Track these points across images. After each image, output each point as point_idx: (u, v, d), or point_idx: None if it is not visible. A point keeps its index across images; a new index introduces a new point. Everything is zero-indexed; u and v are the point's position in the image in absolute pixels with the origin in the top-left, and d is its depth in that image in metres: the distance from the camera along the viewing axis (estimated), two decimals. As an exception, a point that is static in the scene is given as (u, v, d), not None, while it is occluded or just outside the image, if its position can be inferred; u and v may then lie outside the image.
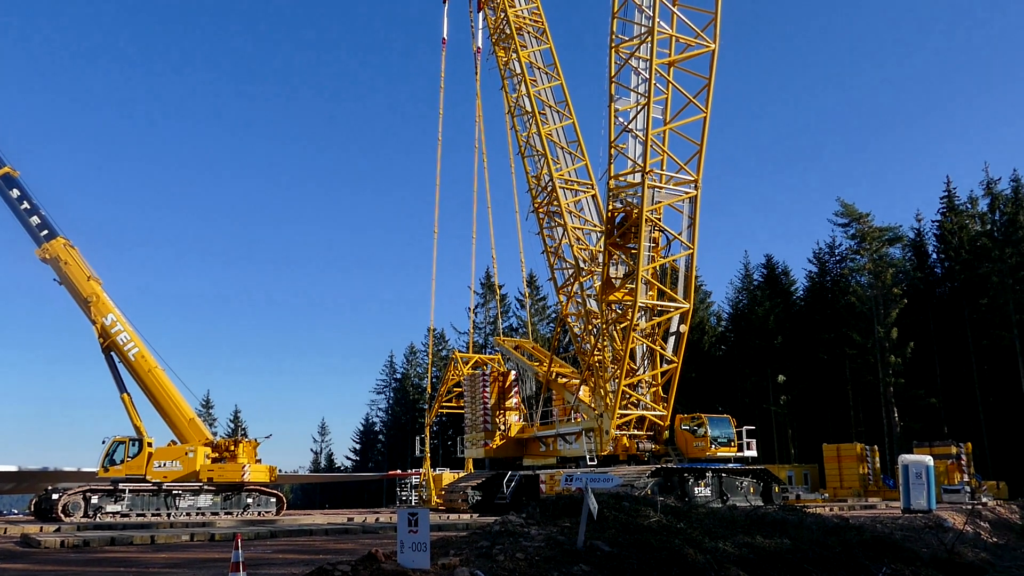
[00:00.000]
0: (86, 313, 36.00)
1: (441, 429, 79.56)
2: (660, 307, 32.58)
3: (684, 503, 17.39)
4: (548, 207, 36.70)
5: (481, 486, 37.80)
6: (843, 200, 65.11)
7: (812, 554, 12.04)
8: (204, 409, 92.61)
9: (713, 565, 10.92)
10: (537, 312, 76.99)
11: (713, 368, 67.59)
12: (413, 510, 8.89)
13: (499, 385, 40.72)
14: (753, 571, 11.09)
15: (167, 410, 35.73)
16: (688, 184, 31.12)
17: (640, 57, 31.13)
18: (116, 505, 32.79)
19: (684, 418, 33.09)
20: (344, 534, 24.05)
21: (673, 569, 10.59)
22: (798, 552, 12.06)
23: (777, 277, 71.38)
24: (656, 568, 10.48)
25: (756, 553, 11.82)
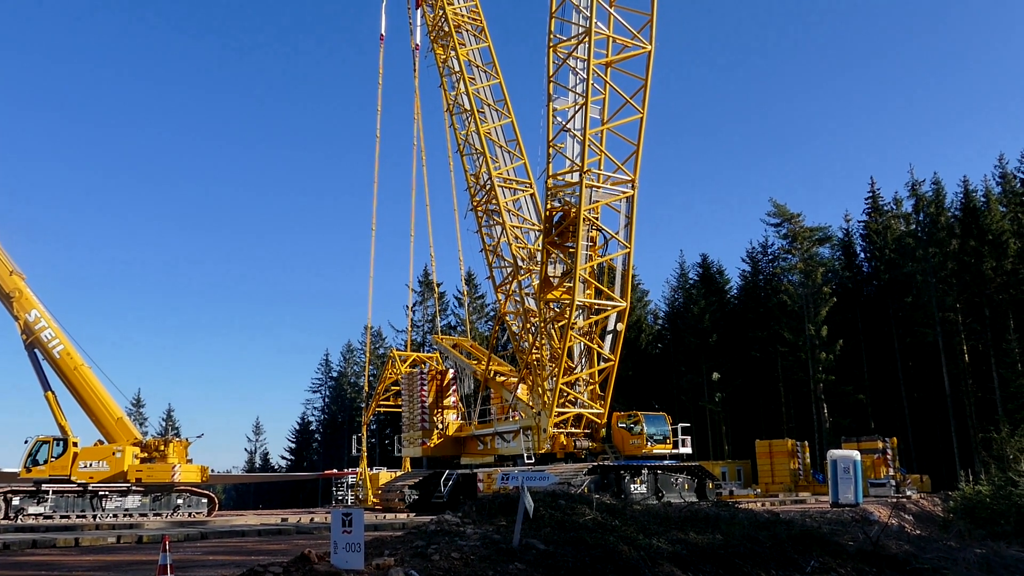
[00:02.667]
0: (8, 309, 34.73)
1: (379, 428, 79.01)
2: (597, 305, 32.86)
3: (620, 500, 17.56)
4: (487, 205, 36.71)
5: (418, 485, 37.59)
6: (775, 200, 66.85)
7: (743, 549, 12.27)
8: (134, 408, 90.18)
9: (647, 561, 11.04)
10: (475, 310, 76.97)
11: (650, 366, 68.59)
12: (347, 510, 8.78)
13: (437, 384, 40.55)
14: (686, 567, 11.25)
15: (93, 409, 34.69)
16: (625, 184, 31.46)
17: (578, 57, 31.34)
18: (39, 507, 31.76)
19: (621, 416, 33.44)
20: (277, 535, 23.63)
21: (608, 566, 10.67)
22: (730, 547, 12.28)
23: (712, 276, 72.81)
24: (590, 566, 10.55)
25: (689, 549, 12.00)
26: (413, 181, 50.93)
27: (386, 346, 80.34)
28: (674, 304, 73.02)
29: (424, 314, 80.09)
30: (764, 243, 70.76)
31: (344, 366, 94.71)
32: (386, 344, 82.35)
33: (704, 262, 73.86)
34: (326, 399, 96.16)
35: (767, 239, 70.61)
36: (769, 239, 70.08)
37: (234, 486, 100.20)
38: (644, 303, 73.57)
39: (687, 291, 70.89)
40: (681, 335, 66.92)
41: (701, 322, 64.37)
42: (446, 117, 39.46)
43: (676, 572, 11.07)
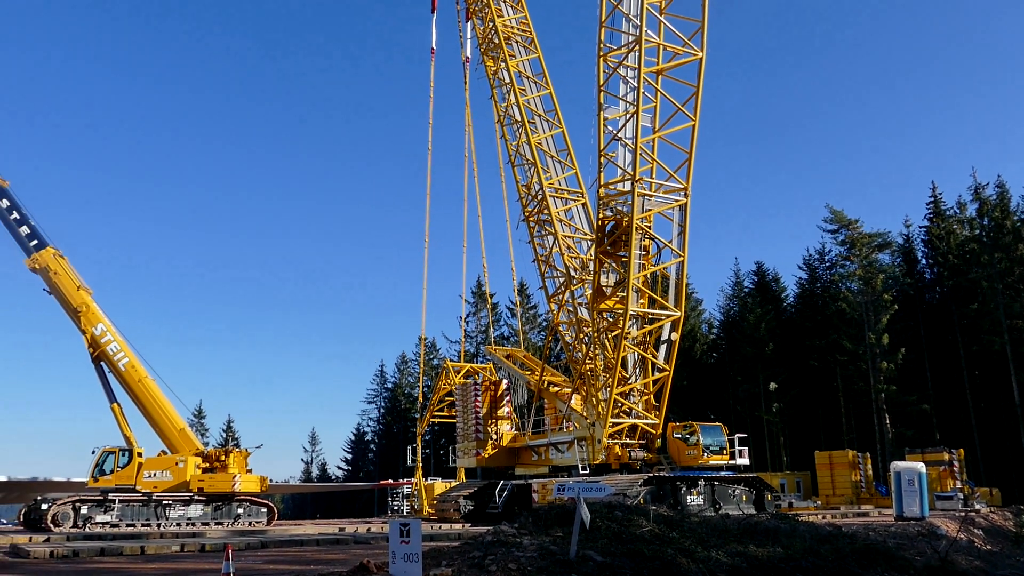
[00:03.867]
0: (76, 323, 35.80)
1: (433, 438, 79.41)
2: (651, 315, 32.60)
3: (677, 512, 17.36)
4: (538, 216, 36.73)
5: (473, 496, 37.68)
6: (832, 207, 65.55)
7: (805, 563, 12.03)
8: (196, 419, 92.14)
9: (706, 574, 10.90)
10: (528, 321, 77.00)
11: (705, 376, 67.74)
12: (405, 520, 8.85)
13: (491, 394, 40.66)
14: (746, 580, 11.08)
15: (157, 420, 35.54)
16: (678, 192, 31.20)
17: (628, 66, 31.23)
18: (106, 515, 32.60)
19: (676, 426, 33.07)
20: (335, 544, 23.91)
21: (666, 578, 10.57)
22: (791, 561, 12.05)
23: (768, 284, 71.66)
24: (649, 577, 10.46)
25: (749, 562, 11.81)
26: (464, 192, 51.36)
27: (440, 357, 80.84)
28: (729, 313, 72.03)
29: (477, 325, 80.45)
30: (821, 250, 69.45)
31: (399, 377, 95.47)
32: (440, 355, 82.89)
33: (759, 270, 72.78)
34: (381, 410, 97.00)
35: (824, 246, 69.32)
36: (826, 246, 68.81)
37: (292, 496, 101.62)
38: (698, 312, 72.73)
39: (742, 300, 69.89)
40: (737, 344, 65.94)
41: (757, 331, 63.34)
42: (497, 128, 39.67)
43: (736, 585, 10.91)
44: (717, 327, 74.23)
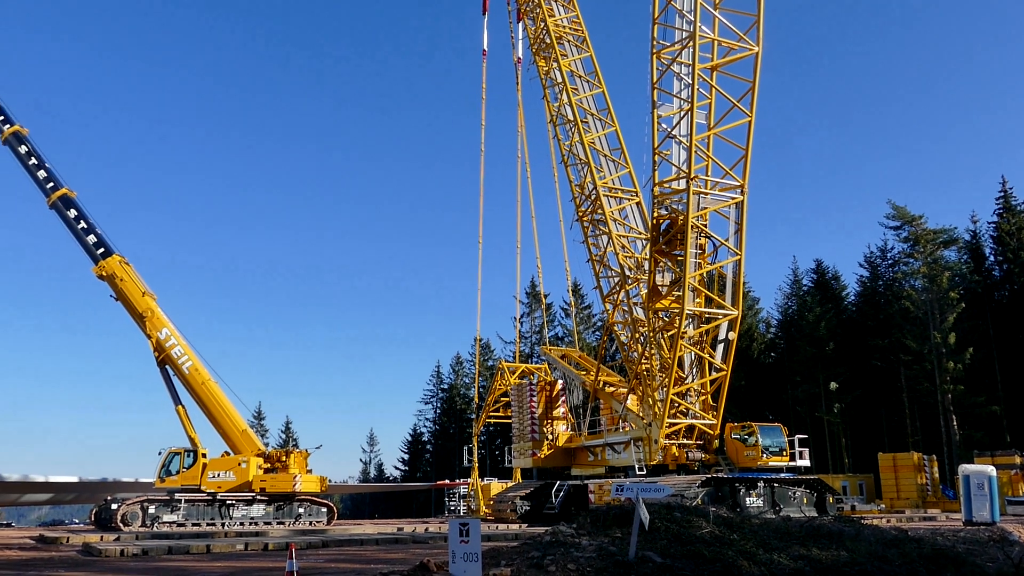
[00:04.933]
0: (141, 328, 36.72)
1: (488, 439, 79.60)
2: (708, 314, 32.25)
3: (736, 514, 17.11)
4: (592, 215, 36.59)
5: (529, 496, 37.70)
6: (894, 202, 63.88)
7: (871, 567, 11.74)
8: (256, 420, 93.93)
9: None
10: (583, 321, 76.68)
11: (763, 376, 66.64)
12: (464, 520, 8.89)
13: (546, 394, 40.63)
14: (810, 583, 10.86)
15: (220, 421, 36.27)
16: (734, 189, 30.77)
17: (682, 62, 30.91)
18: (172, 515, 33.38)
19: (734, 427, 32.64)
20: (394, 544, 24.17)
21: (727, 581, 10.42)
22: (856, 565, 11.77)
23: (827, 282, 70.15)
24: (709, 580, 10.33)
25: (812, 566, 11.58)
26: (518, 193, 51.43)
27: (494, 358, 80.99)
28: (787, 312, 70.71)
29: (532, 325, 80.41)
30: (883, 247, 67.71)
31: (454, 378, 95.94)
32: (495, 356, 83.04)
33: (819, 268, 71.33)
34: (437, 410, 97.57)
35: (886, 243, 67.53)
36: (888, 243, 67.03)
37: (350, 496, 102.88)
38: (755, 311, 71.57)
39: (801, 298, 68.53)
40: (795, 344, 64.67)
41: (817, 330, 62.03)
42: (549, 128, 39.64)
43: (800, 589, 10.71)
44: (775, 326, 72.94)
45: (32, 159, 38.02)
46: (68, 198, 37.57)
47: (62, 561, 18.76)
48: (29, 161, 37.99)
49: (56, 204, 37.32)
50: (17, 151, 38.08)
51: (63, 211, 37.37)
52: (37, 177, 37.78)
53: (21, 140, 38.21)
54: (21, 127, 38.35)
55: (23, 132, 38.33)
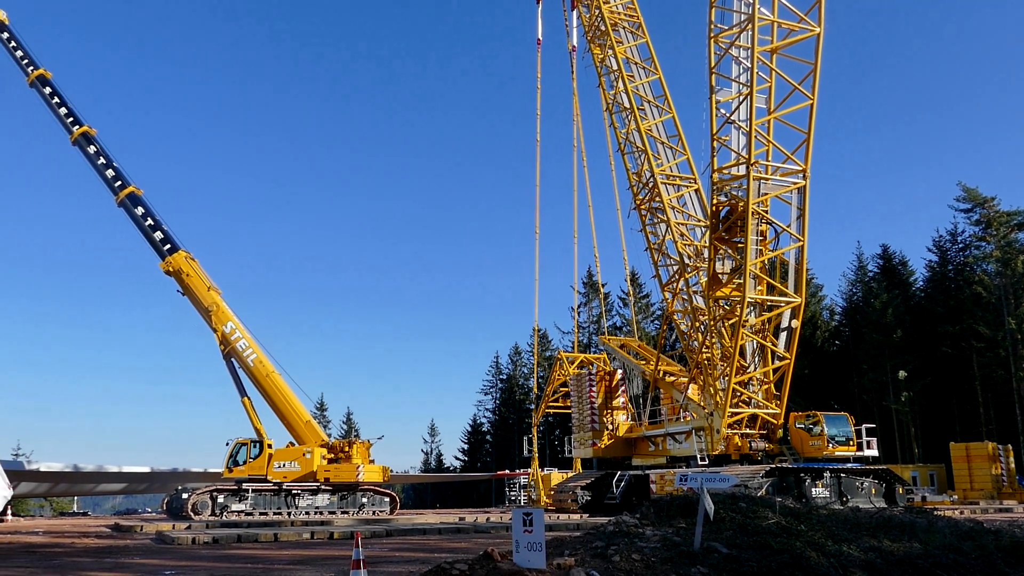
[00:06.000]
0: (207, 322, 37.49)
1: (548, 429, 79.62)
2: (770, 302, 31.70)
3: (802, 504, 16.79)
4: (650, 203, 36.21)
5: (590, 486, 37.63)
6: (964, 184, 61.80)
7: (945, 559, 11.38)
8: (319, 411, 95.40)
9: (837, 569, 10.48)
10: (641, 310, 76.08)
11: (827, 364, 65.22)
12: (528, 510, 8.89)
13: (605, 384, 40.46)
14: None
15: (284, 413, 36.86)
16: (796, 174, 30.15)
17: (741, 46, 30.35)
18: (240, 504, 34.11)
19: (799, 416, 32.07)
20: (457, 533, 24.36)
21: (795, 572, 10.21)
22: (929, 557, 11.42)
23: (894, 268, 68.27)
24: (777, 571, 10.14)
25: (883, 558, 11.28)
26: (574, 182, 51.12)
27: (553, 348, 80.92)
28: (852, 298, 69.05)
29: (589, 315, 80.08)
30: (953, 230, 65.46)
31: (513, 368, 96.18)
32: (553, 346, 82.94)
33: (885, 253, 69.44)
34: (496, 401, 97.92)
35: (956, 226, 65.26)
36: (959, 226, 64.80)
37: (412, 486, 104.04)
38: (819, 298, 70.03)
39: (866, 284, 66.82)
40: (861, 331, 63.10)
41: (883, 317, 60.41)
42: (605, 116, 39.34)
43: (870, 581, 10.45)
44: (839, 313, 71.32)
45: (100, 158, 39.10)
46: (135, 196, 38.55)
47: (137, 549, 19.38)
48: (98, 160, 39.08)
49: (124, 202, 38.34)
50: (86, 151, 39.23)
51: (131, 209, 38.36)
52: (105, 176, 38.85)
53: (90, 140, 39.35)
54: (90, 127, 39.49)
55: (91, 132, 39.46)
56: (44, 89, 40.52)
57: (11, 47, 41.94)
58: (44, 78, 40.73)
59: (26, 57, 41.37)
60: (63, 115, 39.85)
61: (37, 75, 40.67)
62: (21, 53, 41.57)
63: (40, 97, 40.64)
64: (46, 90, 40.48)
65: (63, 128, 39.79)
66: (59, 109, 39.99)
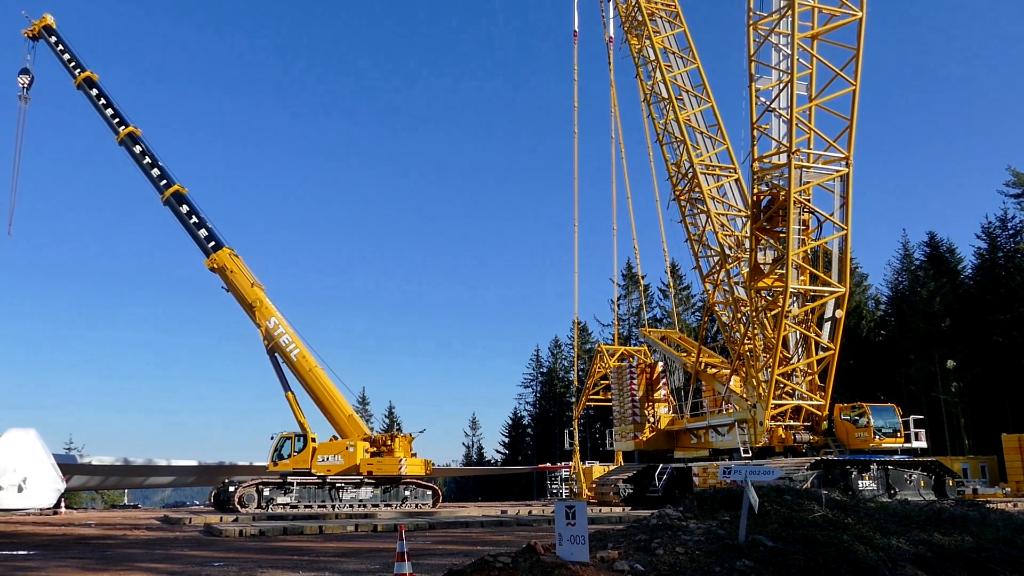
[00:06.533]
0: (251, 317, 38.06)
1: (588, 422, 79.49)
2: (813, 292, 31.25)
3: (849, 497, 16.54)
4: (689, 194, 35.88)
5: (632, 479, 37.51)
6: (1014, 168, 60.19)
7: (999, 553, 11.11)
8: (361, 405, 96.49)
9: (887, 563, 10.29)
10: (682, 302, 75.52)
11: (872, 354, 64.10)
12: (570, 503, 8.87)
13: (646, 377, 40.26)
14: (932, 570, 10.37)
15: (327, 407, 37.32)
16: (838, 161, 29.64)
17: (780, 33, 29.89)
18: (286, 497, 34.64)
19: (844, 407, 31.57)
20: (499, 526, 24.46)
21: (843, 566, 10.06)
22: (982, 551, 11.16)
23: (942, 255, 66.75)
24: (824, 565, 10.00)
25: (934, 551, 11.05)
26: (612, 174, 50.88)
27: (592, 341, 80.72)
28: (898, 288, 67.72)
29: (629, 307, 79.72)
30: (1003, 216, 63.72)
31: (553, 361, 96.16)
32: (592, 339, 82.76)
33: (932, 241, 67.91)
34: (537, 394, 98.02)
35: (1006, 212, 63.54)
36: (1009, 212, 63.14)
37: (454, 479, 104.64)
38: (864, 288, 68.80)
39: (912, 273, 65.49)
40: (907, 320, 61.90)
41: (931, 306, 59.16)
42: (643, 107, 39.01)
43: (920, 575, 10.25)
44: (885, 303, 70.03)
45: (146, 158, 39.87)
46: (180, 194, 39.24)
47: (186, 541, 19.77)
48: (143, 160, 39.86)
49: (169, 200, 39.07)
50: (132, 150, 40.01)
51: (176, 207, 39.06)
52: (151, 175, 39.61)
53: (135, 140, 40.14)
54: (135, 127, 40.26)
55: (137, 132, 40.23)
56: (91, 91, 41.42)
57: (58, 50, 42.95)
58: (91, 80, 41.63)
59: (73, 60, 42.34)
60: (109, 116, 40.72)
61: (84, 77, 41.60)
62: (68, 56, 42.56)
63: (87, 99, 41.57)
64: (93, 92, 41.37)
65: (109, 129, 40.66)
66: (106, 110, 40.87)
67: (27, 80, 44.24)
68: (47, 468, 40.47)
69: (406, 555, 9.42)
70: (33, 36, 44.10)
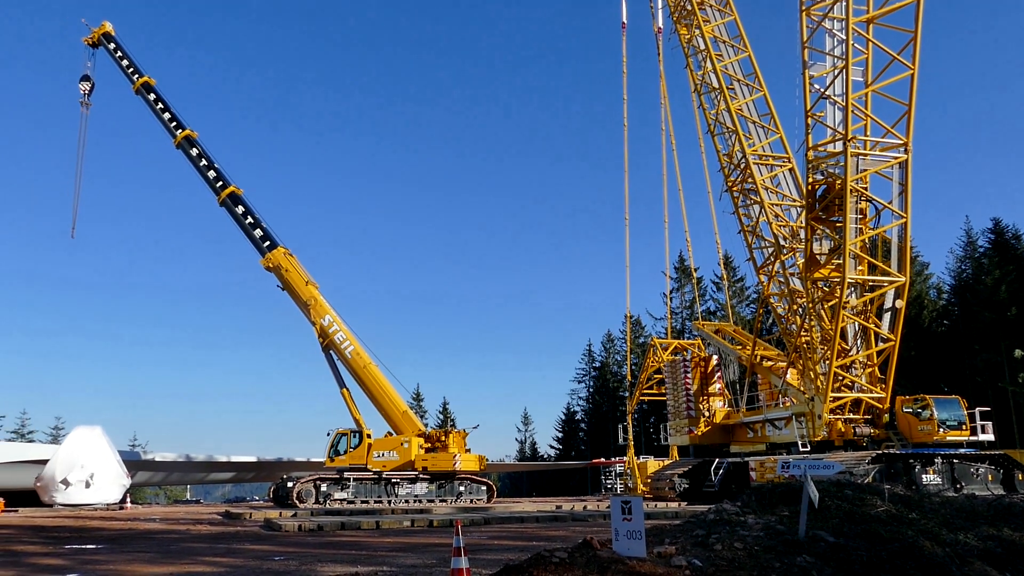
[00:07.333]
0: (306, 316, 38.56)
1: (642, 417, 78.95)
2: (872, 282, 30.55)
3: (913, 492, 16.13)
4: (742, 185, 35.36)
5: (688, 474, 37.17)
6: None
7: (1073, 548, 10.75)
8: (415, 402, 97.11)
9: (954, 559, 10.01)
10: (736, 294, 74.47)
11: (934, 345, 62.40)
12: (626, 498, 8.81)
13: (701, 371, 39.83)
14: (1003, 567, 10.06)
15: (382, 403, 37.63)
16: (897, 148, 28.90)
17: (834, 17, 29.25)
18: (342, 492, 35.08)
19: (906, 400, 30.82)
20: (554, 521, 24.45)
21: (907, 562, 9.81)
22: (1055, 546, 10.80)
23: (1007, 242, 64.58)
24: (888, 561, 9.76)
25: (1004, 546, 10.72)
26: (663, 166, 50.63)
27: (646, 335, 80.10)
28: (961, 276, 65.79)
29: (682, 300, 78.92)
30: (1071, 200, 61.56)
31: (605, 356, 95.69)
32: (645, 333, 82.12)
33: (996, 227, 65.73)
34: (590, 389, 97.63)
35: (1075, 195, 61.35)
36: (1077, 195, 60.88)
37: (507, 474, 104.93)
38: (924, 277, 67.00)
39: (976, 261, 63.56)
40: (972, 310, 60.10)
41: (996, 294, 57.34)
42: (694, 98, 38.58)
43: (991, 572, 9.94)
44: (947, 291, 68.10)
45: (203, 160, 40.69)
46: (236, 195, 39.95)
47: (247, 535, 20.17)
48: (200, 162, 40.68)
49: (225, 202, 39.81)
50: (189, 153, 40.88)
51: (232, 208, 39.78)
52: (207, 177, 40.41)
53: (192, 143, 40.99)
54: (192, 130, 41.13)
55: (194, 135, 41.09)
56: (149, 96, 42.44)
57: (117, 56, 44.11)
58: (149, 85, 42.65)
59: (131, 66, 43.43)
60: (167, 120, 41.66)
61: (142, 82, 42.63)
62: (127, 62, 43.67)
63: (145, 104, 42.60)
64: (151, 96, 42.38)
65: (167, 132, 41.60)
66: (163, 114, 41.82)
67: (88, 87, 45.52)
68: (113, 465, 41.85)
69: (463, 550, 9.46)
70: (93, 43, 45.38)
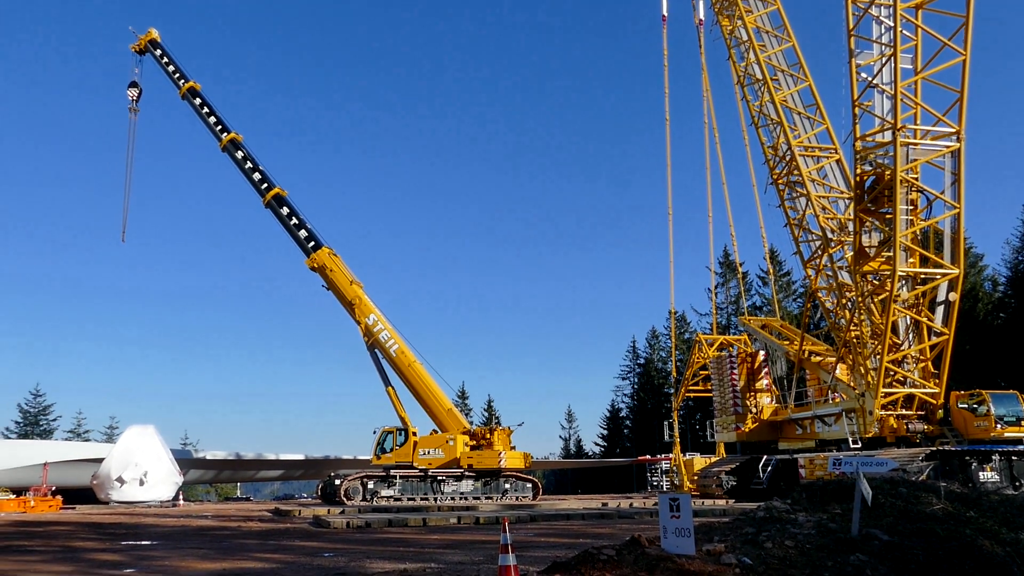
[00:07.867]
0: (351, 315, 38.95)
1: (688, 413, 78.24)
2: (924, 274, 29.84)
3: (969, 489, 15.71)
4: (788, 177, 34.80)
5: (735, 471, 36.76)
6: None
7: None
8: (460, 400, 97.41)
9: (1014, 558, 9.72)
10: (782, 288, 73.35)
11: (991, 338, 60.71)
12: (675, 495, 8.71)
13: (747, 366, 39.35)
14: (1066, 566, 9.73)
15: (427, 401, 37.84)
16: (949, 136, 28.19)
17: (881, 4, 28.61)
18: (389, 490, 35.36)
19: (961, 395, 30.05)
20: (600, 519, 24.33)
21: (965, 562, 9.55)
22: (1122, 545, 10.42)
23: (1065, 231, 62.71)
24: (946, 560, 9.51)
25: (1067, 546, 10.37)
26: (707, 160, 49.87)
27: (690, 330, 79.33)
28: (1018, 267, 63.93)
29: (727, 296, 78.01)
30: None
31: (650, 352, 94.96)
32: (690, 328, 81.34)
33: (1053, 216, 63.92)
34: (634, 386, 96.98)
35: None
36: None
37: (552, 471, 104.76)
38: (979, 268, 65.25)
39: (1033, 251, 61.74)
40: (1029, 302, 58.45)
41: (1055, 286, 55.71)
42: (737, 90, 38.10)
43: (1053, 572, 9.62)
44: (1003, 283, 66.28)
45: (248, 163, 41.29)
46: (281, 197, 40.47)
47: (296, 532, 20.41)
48: (245, 165, 41.29)
49: (271, 203, 40.36)
50: (234, 156, 41.51)
51: (277, 209, 40.32)
52: (252, 180, 41.00)
53: (237, 146, 41.62)
54: (236, 134, 41.75)
55: (238, 138, 41.71)
56: (195, 100, 43.20)
57: (163, 63, 44.98)
58: (194, 89, 43.43)
59: (177, 71, 44.24)
60: (212, 124, 42.36)
61: (188, 87, 43.42)
62: (173, 68, 44.51)
63: (191, 108, 43.36)
64: (196, 101, 43.14)
65: (212, 136, 42.30)
66: (208, 118, 42.53)
67: (136, 93, 46.50)
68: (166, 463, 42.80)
69: (510, 547, 9.44)
70: (139, 50, 46.36)
